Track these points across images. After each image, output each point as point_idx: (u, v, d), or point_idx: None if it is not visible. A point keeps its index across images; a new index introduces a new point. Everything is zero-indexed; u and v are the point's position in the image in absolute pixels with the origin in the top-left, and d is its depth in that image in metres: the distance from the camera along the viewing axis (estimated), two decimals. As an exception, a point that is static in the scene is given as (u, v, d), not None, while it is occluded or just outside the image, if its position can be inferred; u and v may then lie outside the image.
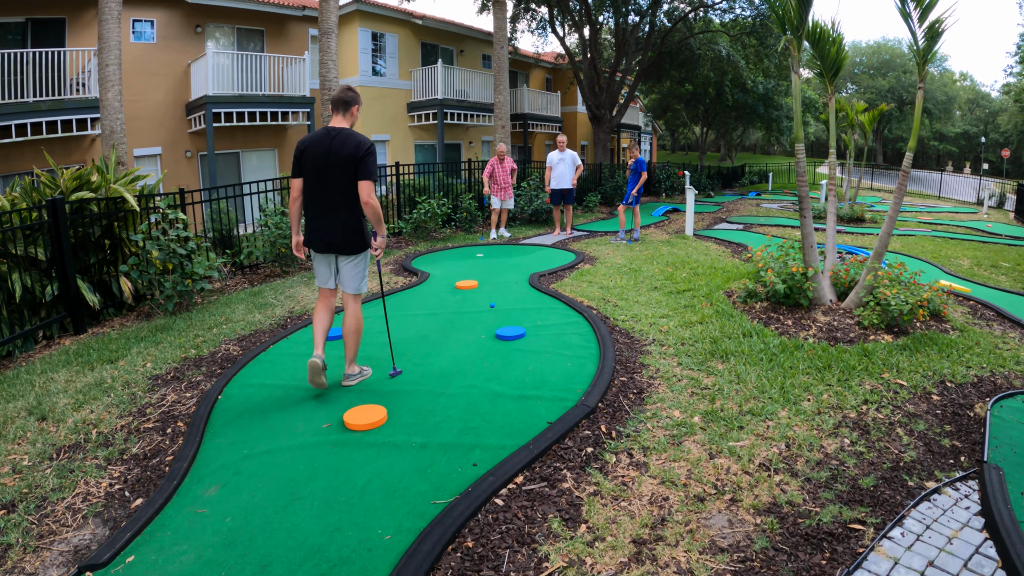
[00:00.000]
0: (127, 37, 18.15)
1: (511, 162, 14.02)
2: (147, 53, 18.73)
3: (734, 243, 12.56)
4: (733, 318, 6.49)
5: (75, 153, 17.12)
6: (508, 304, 7.59)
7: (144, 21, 18.72)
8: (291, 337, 6.49)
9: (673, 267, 9.58)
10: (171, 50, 19.17)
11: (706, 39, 28.24)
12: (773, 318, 6.54)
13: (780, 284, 6.56)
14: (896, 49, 71.36)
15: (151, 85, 18.89)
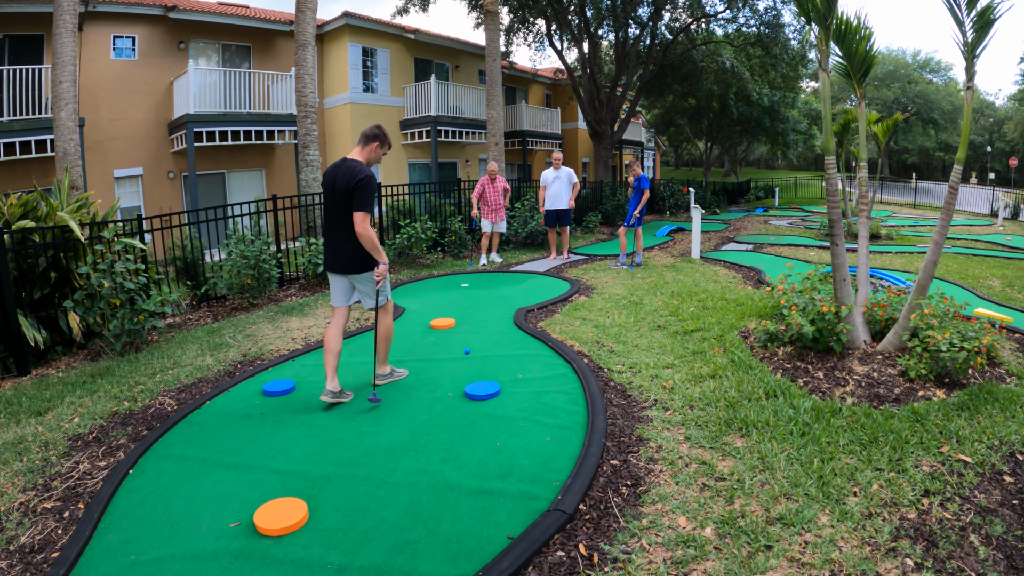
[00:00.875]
0: (107, 54, 17.62)
1: (503, 181, 13.05)
2: (128, 70, 18.14)
3: (745, 267, 11.51)
4: (752, 370, 5.41)
5: (52, 174, 16.09)
6: (486, 349, 6.59)
7: (125, 37, 18.11)
8: (233, 391, 5.63)
9: (679, 298, 8.54)
10: (153, 67, 18.55)
11: (709, 51, 27.34)
12: (800, 368, 5.47)
13: (808, 326, 5.49)
14: (900, 59, 70.65)
15: (132, 103, 18.22)
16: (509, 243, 15.01)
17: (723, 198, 35.04)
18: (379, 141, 5.13)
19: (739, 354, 5.83)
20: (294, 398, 5.34)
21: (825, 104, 5.79)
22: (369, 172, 4.95)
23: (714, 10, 24.97)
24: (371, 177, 4.94)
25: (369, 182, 4.90)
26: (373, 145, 5.11)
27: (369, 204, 4.89)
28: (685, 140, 52.58)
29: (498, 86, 17.27)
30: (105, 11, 17.44)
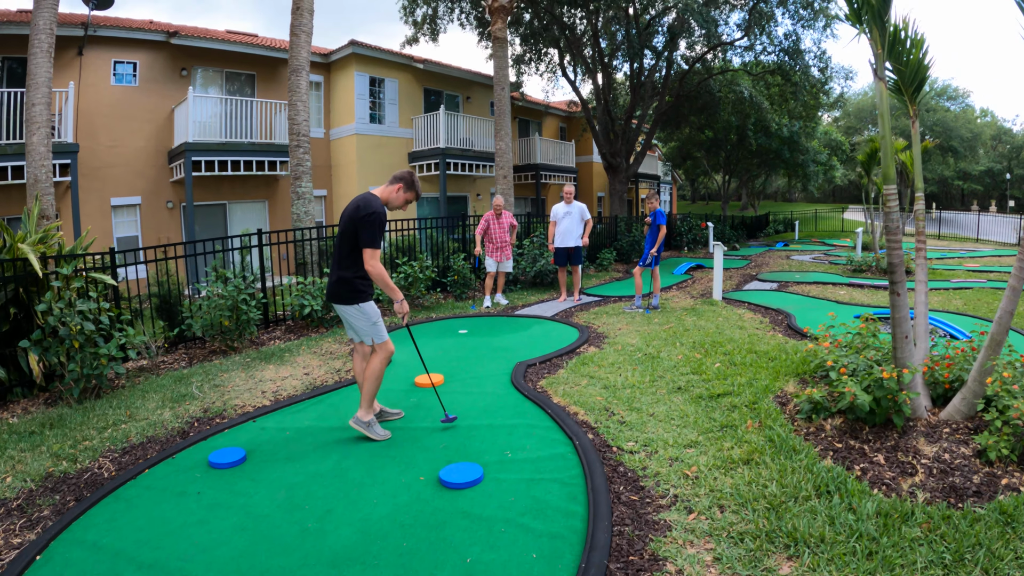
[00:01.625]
0: (107, 79, 17.17)
1: (510, 217, 12.16)
2: (128, 96, 17.66)
3: (772, 309, 10.51)
4: (797, 454, 4.35)
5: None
6: (475, 415, 5.64)
7: (126, 63, 17.66)
8: (178, 457, 4.90)
9: (702, 350, 7.52)
10: (154, 94, 18.05)
11: (726, 80, 26.57)
12: (854, 449, 4.43)
13: (863, 396, 4.46)
14: (918, 89, 69.73)
15: (131, 130, 17.69)
16: (517, 283, 14.07)
17: (742, 232, 34.05)
18: (403, 184, 5.07)
19: (778, 429, 4.79)
20: (240, 473, 4.55)
21: (883, 120, 4.86)
22: (379, 208, 4.85)
23: (731, 38, 24.19)
24: (378, 213, 4.82)
25: (375, 218, 4.79)
26: (396, 187, 5.07)
27: (374, 240, 4.80)
28: (702, 173, 51.78)
29: (506, 116, 16.48)
30: (106, 36, 17.05)
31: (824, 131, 49.21)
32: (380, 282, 4.82)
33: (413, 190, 5.11)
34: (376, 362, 5.10)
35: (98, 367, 6.53)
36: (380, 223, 4.81)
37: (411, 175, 5.10)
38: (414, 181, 5.11)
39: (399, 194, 5.06)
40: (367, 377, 5.10)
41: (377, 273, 4.80)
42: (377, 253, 4.81)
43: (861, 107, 73.02)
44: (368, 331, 5.07)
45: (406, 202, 5.13)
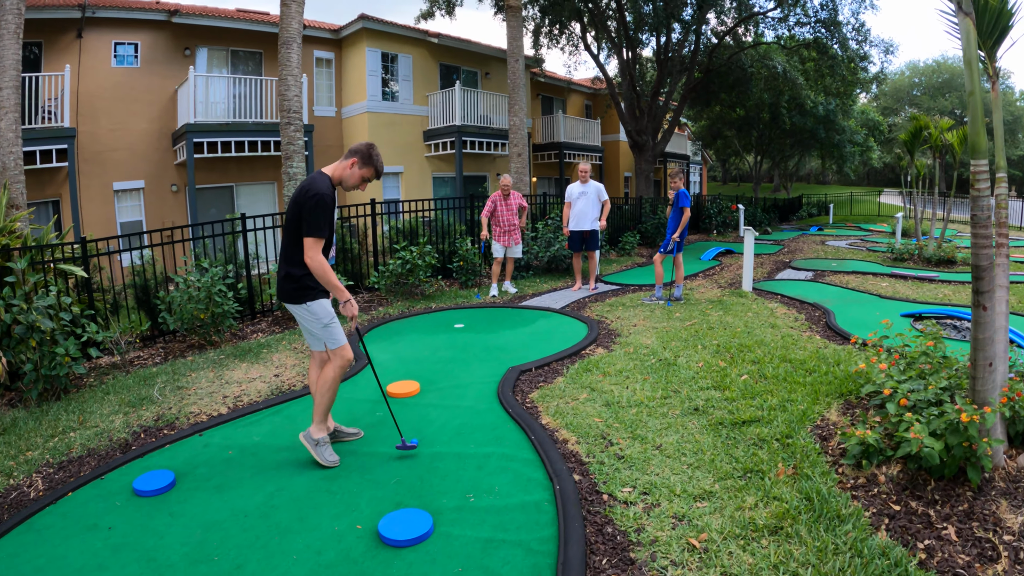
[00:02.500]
0: (107, 61, 16.58)
1: (519, 198, 11.15)
2: (129, 78, 17.03)
3: (808, 304, 9.36)
4: (842, 523, 3.24)
5: (49, 187, 15.63)
6: (443, 439, 4.73)
7: (127, 44, 17.04)
8: (107, 478, 4.31)
9: (727, 356, 6.44)
10: (156, 75, 17.39)
11: (758, 55, 25.18)
12: (917, 515, 3.33)
13: (932, 442, 3.38)
14: (956, 68, 67.45)
15: (133, 113, 17.10)
16: (529, 268, 13.06)
17: (774, 215, 32.63)
18: (359, 159, 4.29)
19: (818, 480, 3.69)
20: (161, 504, 3.92)
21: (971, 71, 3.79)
22: (323, 190, 4.10)
23: (763, 8, 22.85)
24: (321, 195, 4.07)
25: (317, 200, 4.05)
26: (350, 162, 4.28)
27: (317, 228, 4.07)
28: (733, 153, 50.08)
29: (520, 89, 15.40)
30: (105, 17, 16.46)
31: (861, 110, 47.18)
32: (321, 277, 4.13)
33: (371, 165, 4.30)
34: (330, 371, 4.39)
35: (56, 367, 6.07)
36: (324, 207, 4.07)
37: (369, 148, 4.31)
38: (372, 155, 4.30)
39: (353, 171, 4.27)
40: (319, 389, 4.41)
41: (316, 266, 4.09)
42: (319, 243, 4.09)
43: (899, 87, 70.59)
44: (320, 334, 4.37)
45: (363, 180, 4.34)
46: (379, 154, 4.34)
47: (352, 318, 4.27)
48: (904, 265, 14.04)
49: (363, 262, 11.73)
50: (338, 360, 4.38)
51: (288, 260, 4.28)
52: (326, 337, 4.37)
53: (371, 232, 11.53)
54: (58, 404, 6.04)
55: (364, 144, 4.32)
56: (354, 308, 4.26)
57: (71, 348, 6.19)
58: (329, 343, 4.38)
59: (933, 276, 11.83)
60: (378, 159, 4.32)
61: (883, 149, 55.45)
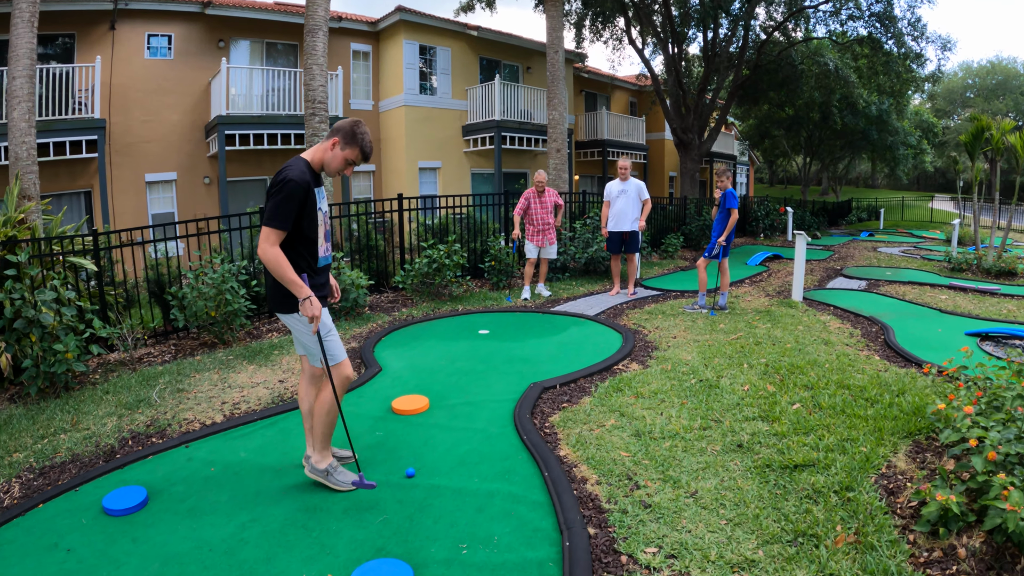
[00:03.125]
0: (141, 53, 16.44)
1: (554, 195, 10.48)
2: (163, 70, 16.89)
3: (864, 317, 8.52)
4: None
5: (81, 178, 15.59)
6: (444, 469, 4.12)
7: (160, 36, 16.89)
8: (81, 491, 4.01)
9: (776, 378, 5.68)
10: (190, 67, 17.21)
11: (809, 51, 24.15)
12: None
13: None
14: (1011, 69, 65.22)
15: (166, 105, 16.93)
16: (566, 270, 12.38)
17: (823, 219, 31.43)
18: (341, 139, 3.65)
19: (884, 554, 2.95)
20: (126, 526, 3.57)
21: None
22: (294, 175, 3.48)
23: (814, 2, 21.89)
24: (290, 181, 3.46)
25: (284, 188, 3.46)
26: (330, 142, 3.66)
27: (276, 216, 3.46)
28: (781, 155, 48.73)
29: (560, 82, 14.75)
30: (139, 8, 16.35)
31: (914, 111, 45.42)
32: (275, 271, 3.51)
33: (354, 145, 3.65)
34: (327, 393, 3.82)
35: (55, 365, 5.91)
36: (291, 195, 3.47)
37: (353, 125, 3.66)
38: (356, 133, 3.64)
39: (335, 152, 3.65)
40: (316, 412, 3.85)
41: (269, 258, 3.47)
42: (277, 235, 3.48)
43: (952, 88, 68.43)
44: (314, 348, 3.79)
45: (347, 163, 3.69)
46: (366, 132, 3.70)
47: (312, 319, 3.60)
48: (962, 276, 13.06)
49: (390, 260, 11.19)
50: (336, 379, 3.82)
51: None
52: (324, 351, 3.77)
53: (399, 228, 10.97)
54: (57, 402, 5.86)
55: (348, 121, 3.69)
56: (315, 308, 3.58)
57: (71, 344, 5.97)
58: (328, 358, 3.79)
59: (995, 289, 10.89)
60: (364, 138, 3.67)
61: (935, 152, 53.62)
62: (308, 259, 3.67)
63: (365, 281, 9.00)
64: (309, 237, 3.61)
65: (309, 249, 3.65)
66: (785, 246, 19.38)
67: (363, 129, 3.67)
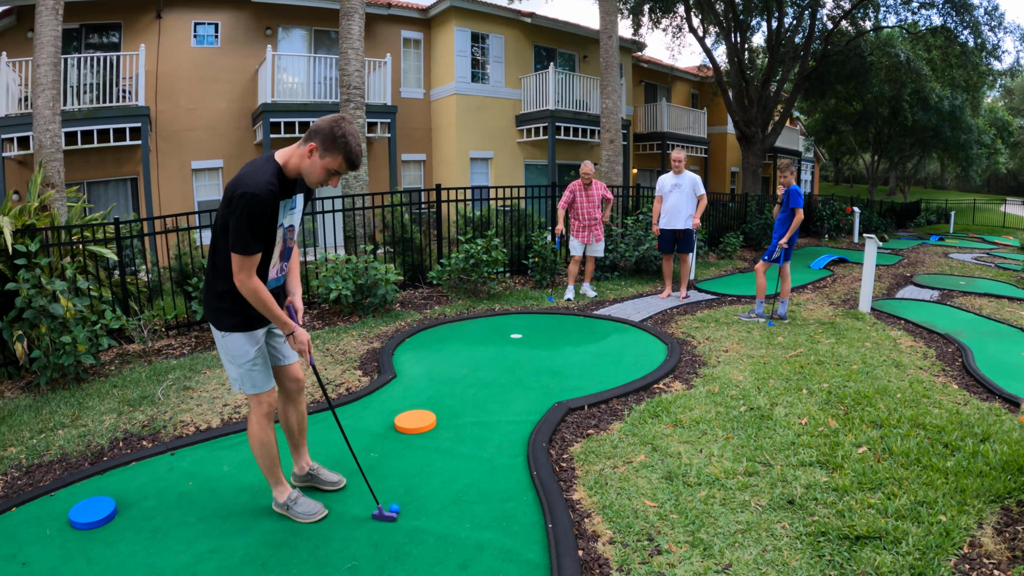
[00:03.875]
0: (187, 41, 16.47)
1: (602, 188, 9.72)
2: (209, 58, 16.88)
3: (938, 335, 7.53)
4: None
5: (127, 164, 15.66)
6: (432, 508, 3.50)
7: (207, 24, 16.89)
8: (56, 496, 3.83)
9: (839, 411, 4.83)
10: (237, 55, 17.15)
11: (879, 41, 22.85)
12: None
13: None
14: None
15: (212, 92, 16.90)
16: (615, 269, 11.63)
17: (891, 220, 29.96)
18: (319, 142, 2.93)
19: None
20: (86, 543, 3.29)
21: None
22: (256, 187, 2.83)
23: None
24: (251, 195, 2.81)
25: (245, 203, 2.82)
26: (307, 148, 2.95)
27: (244, 240, 2.85)
28: (847, 152, 47.00)
29: (614, 69, 13.97)
30: None
31: (988, 108, 43.16)
32: (256, 305, 3.02)
33: (335, 152, 2.94)
34: (251, 425, 3.34)
35: (63, 356, 5.83)
36: (255, 211, 2.85)
37: (333, 126, 2.93)
38: (337, 137, 2.91)
39: (313, 160, 2.95)
40: (252, 448, 3.35)
41: (248, 292, 2.96)
42: (251, 261, 2.92)
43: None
44: (232, 375, 3.28)
45: (328, 173, 3.00)
46: (352, 133, 2.96)
47: (305, 352, 3.19)
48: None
49: (428, 253, 10.64)
50: (256, 410, 3.31)
51: (212, 267, 3.15)
52: (240, 379, 3.28)
53: (439, 220, 10.42)
54: (64, 394, 5.79)
55: (328, 119, 2.96)
56: (302, 341, 3.17)
57: (80, 336, 5.90)
58: (244, 386, 3.28)
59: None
60: (349, 142, 2.94)
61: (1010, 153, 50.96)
62: None
63: (395, 276, 8.48)
64: (265, 255, 3.08)
65: (258, 268, 3.08)
66: (851, 248, 18.28)
67: (346, 128, 2.94)
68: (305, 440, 3.74)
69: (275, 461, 3.39)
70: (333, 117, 2.96)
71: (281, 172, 2.97)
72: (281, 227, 3.11)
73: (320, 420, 4.74)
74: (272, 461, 3.37)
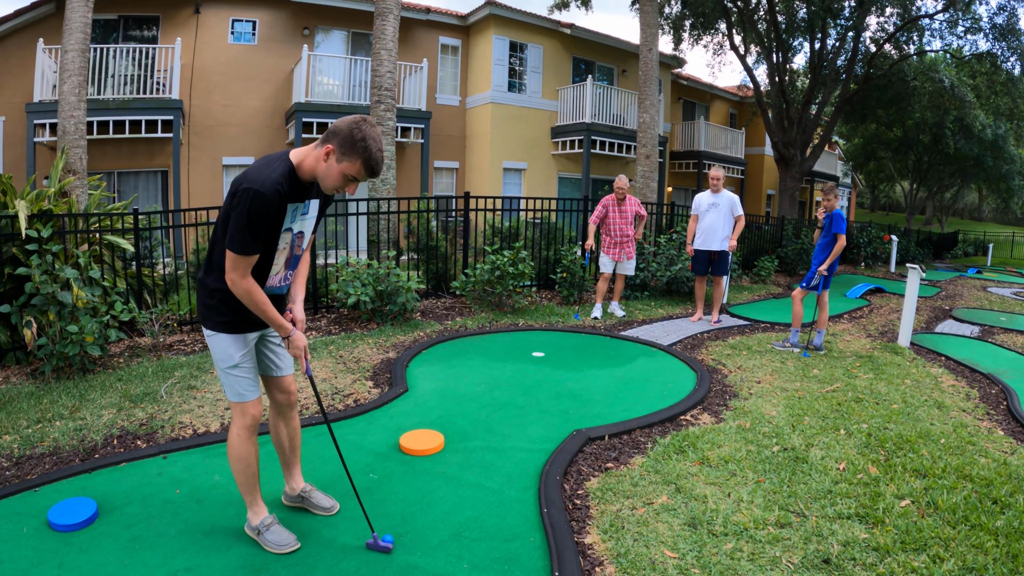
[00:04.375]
0: (224, 37, 16.49)
1: (636, 204, 9.41)
2: (246, 55, 16.88)
3: (981, 374, 7.07)
4: None
5: (159, 156, 15.70)
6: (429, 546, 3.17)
7: (245, 21, 16.87)
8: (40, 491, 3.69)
9: (881, 456, 4.44)
10: (273, 53, 17.11)
11: (923, 66, 22.30)
12: None
13: None
14: None
15: (247, 90, 16.88)
16: (645, 288, 11.29)
17: (928, 251, 29.29)
18: (337, 145, 2.67)
19: None
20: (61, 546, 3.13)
21: None
22: (262, 184, 2.60)
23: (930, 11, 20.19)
24: (255, 193, 2.59)
25: (247, 201, 2.60)
26: (324, 150, 2.70)
27: (241, 239, 2.65)
28: (886, 178, 46.09)
29: (653, 83, 13.67)
30: None
31: (1030, 136, 42.03)
32: (251, 307, 2.83)
33: (354, 157, 2.68)
34: (231, 437, 3.11)
35: (68, 346, 5.73)
36: (256, 209, 2.62)
37: (353, 129, 2.65)
38: (357, 140, 2.65)
39: (330, 164, 2.70)
40: (231, 461, 3.13)
41: (241, 292, 2.77)
42: (246, 262, 2.72)
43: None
44: (221, 378, 3.08)
45: (345, 179, 2.74)
46: (374, 136, 2.69)
47: (300, 356, 3.02)
48: None
49: (453, 262, 10.41)
50: (238, 421, 3.09)
51: (208, 260, 2.96)
52: (224, 384, 3.08)
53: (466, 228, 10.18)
54: (68, 384, 5.70)
55: (348, 120, 2.69)
56: (298, 346, 3.00)
57: (88, 327, 5.80)
58: (228, 394, 3.08)
59: None
60: (369, 146, 2.67)
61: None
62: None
63: (416, 284, 8.24)
64: (262, 259, 2.85)
65: (258, 271, 2.86)
66: (888, 278, 17.77)
67: (367, 131, 2.66)
68: (298, 459, 3.50)
69: (253, 479, 3.15)
70: (354, 118, 2.69)
71: (294, 172, 2.75)
72: (289, 232, 2.89)
73: (321, 434, 4.49)
74: (249, 478, 3.14)
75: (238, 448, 3.08)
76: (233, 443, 3.09)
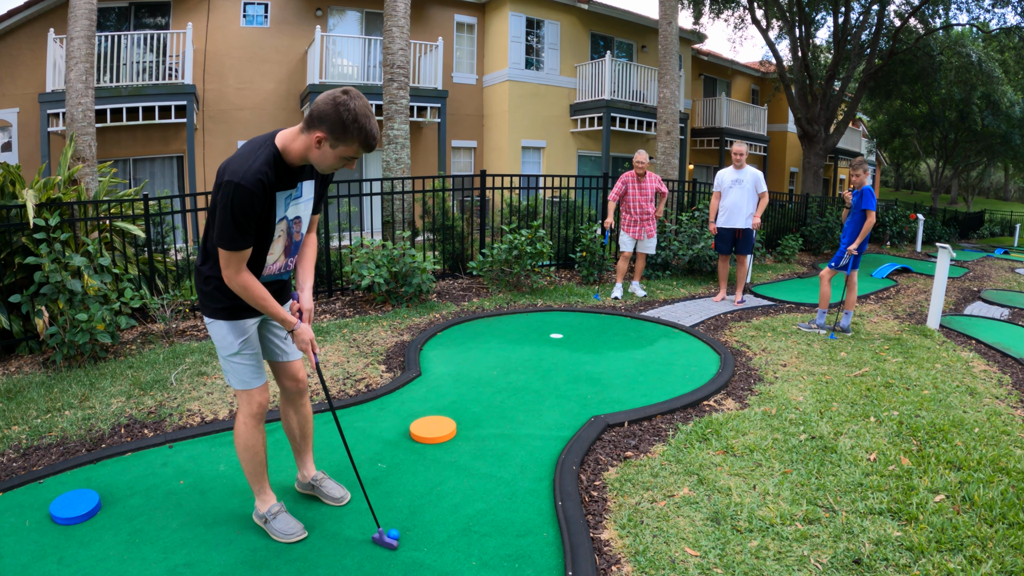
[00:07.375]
0: (236, 20, 16.36)
1: (656, 181, 9.16)
2: (258, 38, 16.75)
3: (1013, 359, 6.74)
4: None
5: (174, 142, 15.64)
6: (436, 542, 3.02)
7: (256, 4, 16.74)
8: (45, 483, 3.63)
9: (913, 445, 4.22)
10: (286, 35, 16.97)
11: (949, 40, 21.74)
12: None
13: None
14: None
15: (260, 73, 16.77)
16: (667, 267, 11.06)
17: (954, 230, 28.73)
18: (327, 131, 2.48)
19: None
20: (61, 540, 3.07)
21: None
22: (244, 176, 2.44)
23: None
24: (235, 185, 2.42)
25: (228, 192, 2.44)
26: (313, 137, 2.51)
27: (228, 234, 2.50)
28: (911, 156, 45.29)
29: (673, 57, 13.37)
30: None
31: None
32: (251, 301, 2.72)
33: (349, 140, 2.50)
34: (238, 425, 3.02)
35: (78, 334, 5.69)
36: (239, 202, 2.47)
37: (338, 109, 2.45)
38: (346, 122, 2.45)
39: (323, 150, 2.54)
40: (237, 449, 3.04)
41: (237, 287, 2.65)
42: (239, 257, 2.59)
43: None
44: (224, 367, 2.98)
45: (343, 160, 2.59)
46: (363, 111, 2.48)
47: (305, 350, 2.88)
48: None
49: (470, 241, 10.24)
50: (244, 409, 3.00)
51: (203, 247, 2.84)
52: (227, 372, 3.00)
53: (483, 208, 10.01)
54: (79, 372, 5.66)
55: (328, 99, 2.47)
56: (304, 340, 2.86)
57: (98, 314, 5.77)
58: (233, 382, 2.98)
59: None
60: (362, 125, 2.48)
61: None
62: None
63: (432, 265, 8.11)
64: (257, 250, 2.72)
65: (251, 260, 2.71)
66: (914, 257, 17.37)
67: (355, 108, 2.46)
68: (310, 446, 3.39)
69: (260, 467, 3.08)
70: (333, 96, 2.48)
71: (279, 158, 2.58)
72: (284, 220, 2.75)
73: (331, 421, 4.36)
74: (257, 467, 3.06)
75: (244, 437, 3.00)
76: (240, 432, 3.01)
